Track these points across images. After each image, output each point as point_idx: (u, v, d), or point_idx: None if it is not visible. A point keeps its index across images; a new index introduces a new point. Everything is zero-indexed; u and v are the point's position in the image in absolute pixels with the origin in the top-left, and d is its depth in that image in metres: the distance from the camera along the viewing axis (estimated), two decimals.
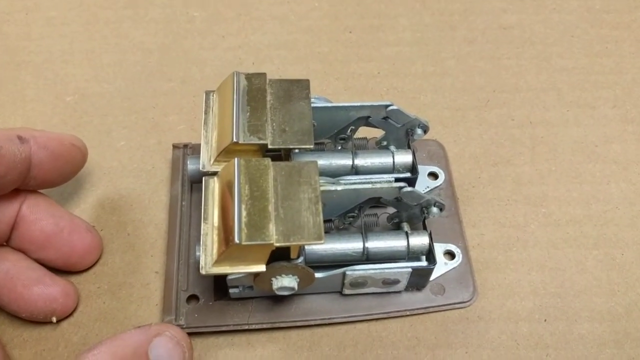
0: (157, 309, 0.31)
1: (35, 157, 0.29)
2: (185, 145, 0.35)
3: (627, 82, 0.39)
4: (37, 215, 0.30)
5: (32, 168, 0.29)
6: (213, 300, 0.30)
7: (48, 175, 0.30)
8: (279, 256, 0.27)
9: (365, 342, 0.30)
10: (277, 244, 0.25)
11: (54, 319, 0.30)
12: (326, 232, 0.31)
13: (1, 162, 0.27)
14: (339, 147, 0.33)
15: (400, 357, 0.30)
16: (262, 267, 0.26)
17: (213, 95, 0.31)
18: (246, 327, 0.30)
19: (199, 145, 0.30)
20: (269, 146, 0.28)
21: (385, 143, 0.33)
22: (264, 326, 0.30)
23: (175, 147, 0.35)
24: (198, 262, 0.27)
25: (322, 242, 0.25)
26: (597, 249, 0.33)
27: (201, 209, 0.30)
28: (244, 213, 0.25)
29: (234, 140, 0.27)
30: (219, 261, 0.26)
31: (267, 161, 0.27)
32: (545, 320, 0.30)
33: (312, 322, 0.30)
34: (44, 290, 0.29)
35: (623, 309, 0.31)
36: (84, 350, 0.25)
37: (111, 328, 0.30)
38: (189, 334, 0.29)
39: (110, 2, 0.43)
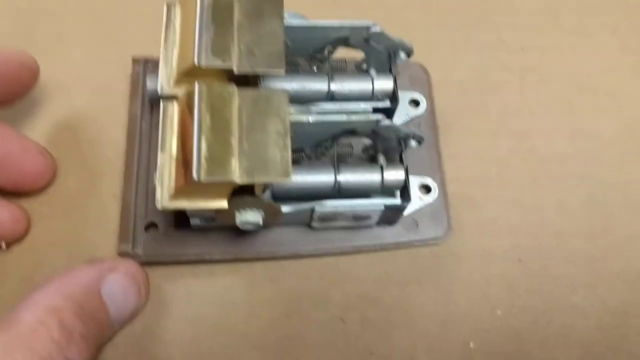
0: (114, 234, 0.29)
1: None
2: (147, 61, 0.32)
3: (630, 7, 0.36)
4: None
5: None
6: (173, 229, 0.29)
7: None
8: (242, 190, 0.25)
9: (333, 275, 0.29)
10: (240, 181, 0.23)
11: (3, 244, 0.29)
12: (296, 162, 0.29)
13: None
14: (315, 68, 0.31)
15: (368, 292, 0.29)
16: (223, 204, 0.25)
17: (175, 8, 0.28)
18: (207, 257, 0.29)
19: (158, 61, 0.27)
20: (235, 71, 0.25)
21: (365, 66, 0.31)
22: (226, 257, 0.29)
23: (135, 61, 0.32)
24: (153, 191, 0.25)
25: (289, 179, 0.24)
26: (579, 188, 0.32)
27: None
28: (204, 146, 0.23)
29: (196, 62, 0.25)
30: (176, 195, 0.24)
31: (232, 88, 0.25)
32: (519, 260, 0.30)
33: (278, 255, 0.29)
34: None
35: (599, 252, 0.30)
36: (32, 289, 0.24)
37: (65, 252, 0.29)
38: (147, 263, 0.28)
39: None
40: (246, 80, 0.27)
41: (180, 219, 0.29)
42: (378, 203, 0.28)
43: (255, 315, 0.28)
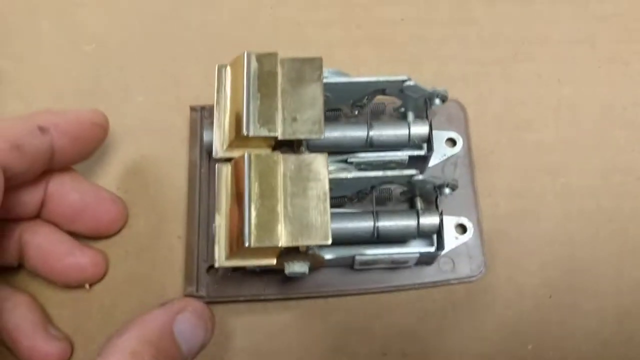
0: (180, 273, 0.33)
1: (57, 145, 0.30)
2: (202, 108, 0.35)
3: None
4: (63, 193, 0.31)
5: (55, 155, 0.30)
6: (232, 270, 0.32)
7: (70, 157, 0.31)
8: (289, 249, 0.28)
9: (375, 311, 0.32)
10: (285, 245, 0.26)
11: (87, 286, 0.33)
12: (340, 206, 0.32)
13: (24, 159, 0.28)
14: (356, 112, 0.33)
15: (407, 327, 0.32)
16: (272, 261, 0.28)
17: (225, 71, 0.30)
18: (262, 297, 0.32)
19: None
20: (279, 138, 0.28)
21: (403, 110, 0.33)
22: (278, 297, 0.32)
23: (192, 109, 0.35)
24: (211, 250, 0.29)
25: (328, 242, 0.27)
26: (611, 223, 0.33)
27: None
28: (253, 214, 0.26)
29: (244, 133, 0.28)
30: (231, 255, 0.27)
31: (277, 156, 0.28)
32: (550, 296, 0.32)
33: (324, 294, 0.32)
34: (75, 261, 0.32)
35: (628, 288, 0.32)
36: (114, 335, 0.27)
37: (139, 290, 0.33)
38: (209, 302, 0.32)
39: None
40: (290, 141, 0.30)
41: None
42: (414, 251, 0.30)
43: (306, 349, 0.32)
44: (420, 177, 0.29)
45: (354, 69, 0.35)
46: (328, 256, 0.30)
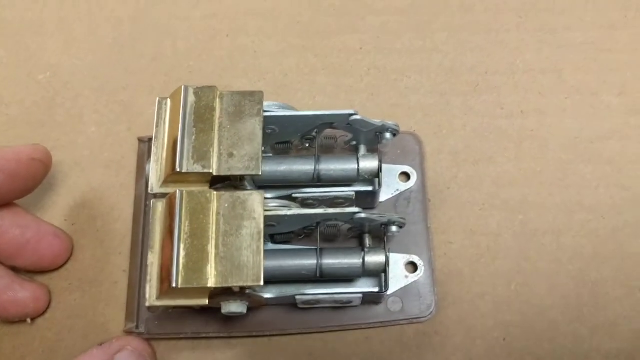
0: (123, 310, 0.33)
1: None
2: (150, 139, 0.35)
3: (639, 65, 0.36)
4: (2, 228, 0.31)
5: None
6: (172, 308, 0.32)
7: (8, 194, 0.31)
8: (222, 290, 0.28)
9: (320, 353, 0.32)
10: (214, 286, 0.26)
11: (29, 320, 0.33)
12: (287, 242, 0.32)
13: None
14: (307, 145, 0.33)
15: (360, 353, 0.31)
16: (204, 302, 0.27)
17: (166, 103, 0.30)
18: (203, 335, 0.32)
19: None
20: (214, 174, 0.28)
21: (355, 143, 0.33)
22: (221, 335, 0.32)
23: (140, 140, 0.35)
24: (143, 290, 0.29)
25: (261, 284, 0.26)
26: (571, 264, 0.32)
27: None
28: (182, 254, 0.26)
29: (177, 169, 0.27)
30: (161, 296, 0.27)
31: (210, 194, 0.28)
32: (504, 339, 0.31)
33: (268, 333, 0.32)
34: (14, 296, 0.32)
35: (587, 331, 0.31)
36: None
37: (83, 325, 0.33)
38: (150, 339, 0.31)
39: None
40: (228, 178, 0.29)
41: None
42: (357, 291, 0.30)
43: None
44: (362, 215, 0.29)
45: (310, 97, 0.36)
46: (267, 295, 0.29)
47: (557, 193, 0.34)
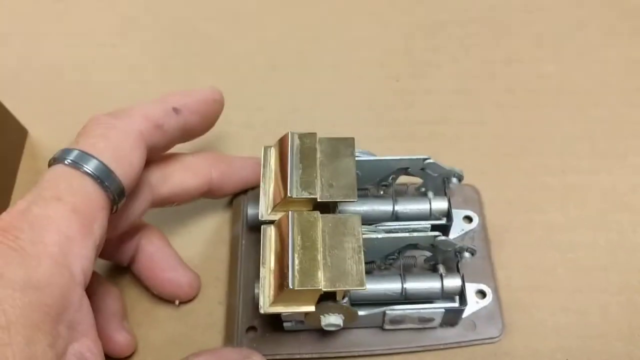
0: (219, 336, 0.37)
1: (188, 124, 0.35)
2: (245, 191, 0.41)
3: None
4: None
5: (186, 132, 0.35)
6: (269, 331, 0.36)
7: (196, 132, 0.36)
8: (327, 297, 0.32)
9: None
10: (325, 289, 0.30)
11: (177, 302, 0.37)
12: (369, 272, 0.36)
13: (164, 136, 0.33)
14: (382, 192, 0.38)
15: None
16: (311, 308, 0.32)
17: (270, 151, 0.36)
18: (297, 356, 0.35)
19: (256, 192, 0.37)
20: (318, 200, 0.33)
21: (423, 189, 0.38)
22: (313, 356, 0.35)
23: (235, 195, 0.41)
24: (256, 299, 0.33)
25: (364, 288, 0.31)
26: (620, 295, 0.37)
27: (259, 250, 0.36)
28: (296, 261, 0.31)
29: (289, 195, 0.33)
30: (274, 302, 0.31)
31: (317, 214, 0.33)
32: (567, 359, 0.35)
33: (356, 354, 0.36)
34: (175, 277, 0.37)
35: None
36: (190, 354, 0.31)
37: (179, 351, 0.36)
38: None
39: (180, 51, 0.50)
40: (327, 206, 0.35)
41: (275, 323, 0.36)
42: (440, 307, 0.34)
43: None
44: (443, 237, 0.34)
45: None
46: (361, 313, 0.33)
47: (600, 236, 0.39)
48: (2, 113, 0.43)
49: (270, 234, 0.33)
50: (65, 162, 0.28)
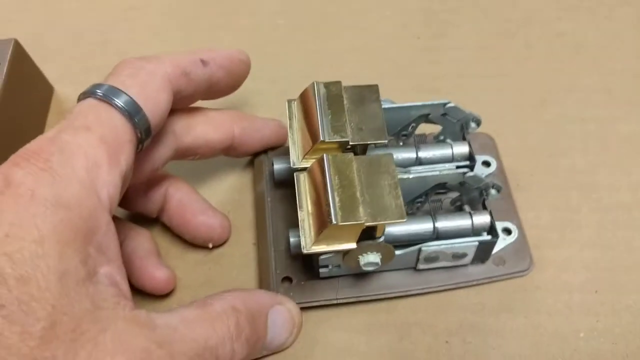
0: (254, 274, 0.37)
1: (215, 77, 0.35)
2: (265, 152, 0.41)
3: None
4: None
5: (212, 85, 0.36)
6: (304, 280, 0.36)
7: (222, 88, 0.37)
8: (365, 236, 0.32)
9: (437, 308, 0.36)
10: (367, 224, 0.31)
11: (210, 245, 0.38)
12: None
13: (190, 84, 0.34)
14: (401, 143, 0.39)
15: (468, 320, 0.36)
16: (353, 245, 0.32)
17: (294, 104, 0.37)
18: (334, 301, 0.36)
19: (279, 150, 0.39)
20: (350, 143, 0.34)
21: (442, 137, 0.39)
22: (351, 300, 0.36)
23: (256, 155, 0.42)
24: (293, 247, 0.34)
25: (404, 220, 0.31)
26: None
27: (285, 203, 0.38)
28: (337, 199, 0.31)
29: (322, 139, 0.33)
30: (317, 241, 0.32)
31: (351, 155, 0.33)
32: (596, 291, 0.36)
33: (392, 295, 0.36)
34: (207, 220, 0.37)
35: None
36: (222, 292, 0.31)
37: (216, 290, 0.35)
38: None
39: (204, 12, 0.51)
40: (356, 151, 0.35)
41: (309, 272, 0.36)
42: (473, 240, 0.35)
43: (375, 339, 0.35)
44: (471, 173, 0.35)
45: None
46: (398, 252, 0.34)
47: (622, 178, 0.40)
48: (32, 70, 0.44)
49: (304, 180, 0.34)
50: (95, 95, 0.29)
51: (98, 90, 0.29)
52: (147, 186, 0.37)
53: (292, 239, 0.35)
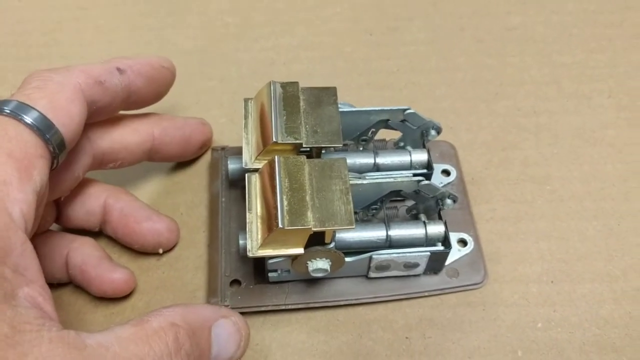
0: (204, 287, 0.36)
1: (133, 85, 0.34)
2: (223, 148, 0.40)
3: (619, 74, 0.45)
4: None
5: (131, 94, 0.34)
6: (253, 284, 0.35)
7: (144, 97, 0.35)
8: (314, 241, 0.31)
9: (395, 304, 0.36)
10: (315, 229, 0.30)
11: (161, 250, 0.37)
12: None
13: (106, 93, 0.32)
14: (361, 148, 0.38)
15: (426, 315, 0.35)
16: (300, 250, 0.31)
17: (251, 102, 0.36)
18: (283, 307, 0.35)
19: (236, 147, 0.37)
20: (304, 145, 0.33)
21: (402, 144, 0.38)
22: (300, 306, 0.35)
23: (214, 149, 0.40)
24: (241, 249, 0.32)
25: (353, 227, 0.30)
26: (596, 221, 0.38)
27: (238, 204, 0.36)
28: (285, 202, 0.30)
29: (274, 140, 0.32)
30: (263, 245, 0.31)
31: (303, 158, 0.32)
32: (552, 281, 0.36)
33: (342, 302, 0.35)
34: (152, 225, 0.36)
35: (620, 272, 0.36)
36: (161, 308, 0.29)
37: (170, 294, 0.36)
38: None
39: (153, 10, 0.49)
40: (310, 155, 0.34)
41: (259, 276, 0.35)
42: (425, 250, 0.34)
43: (334, 337, 0.35)
44: (426, 181, 0.34)
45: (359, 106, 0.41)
46: (348, 258, 0.33)
47: (574, 169, 0.40)
48: None
49: (255, 181, 0.33)
50: (2, 112, 0.28)
51: (5, 107, 0.28)
52: (84, 200, 0.36)
53: (241, 242, 0.33)
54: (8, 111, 0.28)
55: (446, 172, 0.40)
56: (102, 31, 0.48)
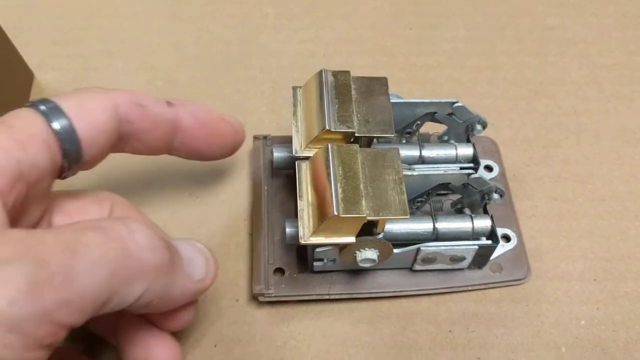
0: (250, 265, 0.36)
1: (183, 122, 0.31)
2: (265, 137, 0.40)
3: None
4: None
5: (179, 132, 0.32)
6: (297, 273, 0.35)
7: (196, 142, 0.33)
8: (365, 231, 0.31)
9: (439, 297, 0.36)
10: (369, 218, 0.29)
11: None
12: None
13: (145, 118, 0.30)
14: (404, 141, 0.38)
15: (470, 309, 0.35)
16: (352, 239, 0.30)
17: (299, 91, 0.35)
18: (327, 297, 0.34)
19: (277, 137, 0.37)
20: (356, 134, 0.32)
21: (446, 137, 0.38)
22: (343, 297, 0.34)
23: (255, 138, 0.40)
24: (288, 237, 0.32)
25: (407, 217, 0.30)
26: (638, 221, 0.38)
27: (281, 192, 0.36)
28: (339, 190, 0.30)
29: (327, 128, 0.32)
30: (315, 232, 0.30)
31: (356, 147, 0.31)
32: (594, 279, 0.36)
33: (386, 294, 0.35)
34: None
35: None
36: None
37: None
38: (278, 302, 0.34)
39: None
40: (360, 143, 0.34)
41: (302, 265, 0.35)
42: (473, 244, 0.33)
43: (377, 329, 0.34)
44: (476, 174, 0.34)
45: None
46: (396, 250, 0.33)
47: (615, 169, 0.40)
48: (12, 55, 0.42)
49: (305, 169, 0.32)
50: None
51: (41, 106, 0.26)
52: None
53: (287, 229, 0.33)
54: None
55: (489, 168, 0.39)
56: (139, 18, 0.47)
